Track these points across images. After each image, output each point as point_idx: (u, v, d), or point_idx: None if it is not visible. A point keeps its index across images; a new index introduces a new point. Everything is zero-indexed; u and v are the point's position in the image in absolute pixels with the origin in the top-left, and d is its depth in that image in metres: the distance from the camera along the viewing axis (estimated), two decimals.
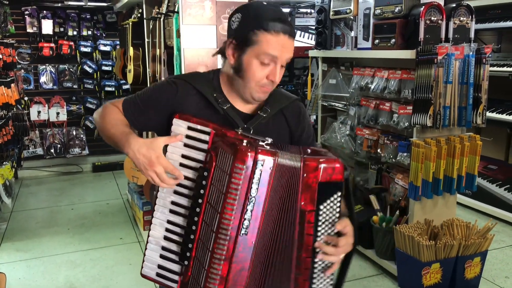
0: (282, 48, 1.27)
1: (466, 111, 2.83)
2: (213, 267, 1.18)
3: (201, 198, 1.22)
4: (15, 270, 3.20)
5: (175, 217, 1.28)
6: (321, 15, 3.66)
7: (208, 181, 1.21)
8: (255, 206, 1.16)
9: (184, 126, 1.28)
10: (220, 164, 1.19)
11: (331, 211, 1.20)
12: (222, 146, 1.20)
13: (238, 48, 1.30)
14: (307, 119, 1.51)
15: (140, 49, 3.63)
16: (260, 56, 1.27)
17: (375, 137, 3.26)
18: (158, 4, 2.99)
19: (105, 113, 1.41)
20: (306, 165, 1.18)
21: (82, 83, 5.74)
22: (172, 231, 1.28)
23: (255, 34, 1.26)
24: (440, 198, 2.97)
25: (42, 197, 4.80)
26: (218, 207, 1.18)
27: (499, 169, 4.10)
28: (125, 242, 3.65)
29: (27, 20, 5.38)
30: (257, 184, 1.15)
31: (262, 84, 1.30)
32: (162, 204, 1.30)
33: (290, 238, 1.20)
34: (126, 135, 1.29)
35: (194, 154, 1.26)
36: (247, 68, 1.29)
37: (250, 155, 1.14)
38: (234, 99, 1.38)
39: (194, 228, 1.23)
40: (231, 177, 1.15)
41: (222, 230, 1.16)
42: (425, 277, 2.69)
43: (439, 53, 2.65)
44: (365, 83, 3.29)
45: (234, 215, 1.15)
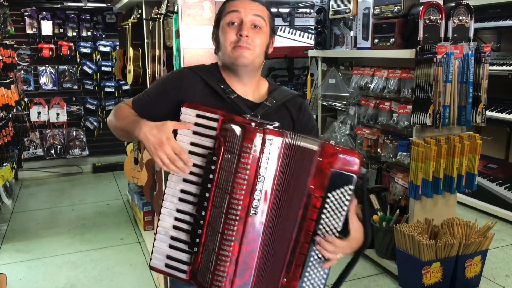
0: (243, 5, 1.33)
1: (465, 110, 2.83)
2: (223, 249, 1.17)
3: (210, 182, 1.22)
4: (15, 271, 3.21)
5: (185, 205, 1.28)
6: (320, 15, 3.66)
7: (217, 165, 1.21)
8: (264, 185, 1.16)
9: (192, 114, 1.28)
10: (228, 147, 1.19)
11: (338, 202, 1.18)
12: (230, 128, 1.20)
13: (215, 30, 1.41)
14: (309, 111, 1.52)
15: (140, 49, 3.63)
16: (226, 19, 1.34)
17: (375, 136, 3.26)
18: (157, 5, 2.99)
19: (117, 110, 1.47)
20: (323, 150, 1.17)
21: (82, 84, 5.74)
22: (182, 219, 1.28)
23: (221, 9, 1.38)
24: (440, 197, 2.97)
25: (43, 198, 4.80)
26: (227, 188, 1.17)
27: (499, 168, 4.10)
28: (126, 242, 3.65)
29: (27, 21, 5.38)
30: (266, 163, 1.16)
31: (235, 44, 1.32)
32: (172, 193, 1.29)
33: (293, 220, 1.20)
34: (138, 121, 1.32)
35: (203, 141, 1.26)
36: (221, 37, 1.36)
37: (258, 135, 1.15)
38: (235, 86, 1.41)
39: (203, 214, 1.23)
40: (240, 157, 1.16)
41: (232, 210, 1.16)
42: (426, 276, 2.69)
43: (439, 52, 2.66)
44: (364, 83, 3.29)
45: (244, 194, 1.16)
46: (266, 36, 1.37)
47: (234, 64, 1.35)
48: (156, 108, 1.42)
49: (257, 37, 1.34)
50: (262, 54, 1.37)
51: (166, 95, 1.40)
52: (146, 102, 1.46)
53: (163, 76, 1.51)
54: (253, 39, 1.33)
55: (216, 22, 1.41)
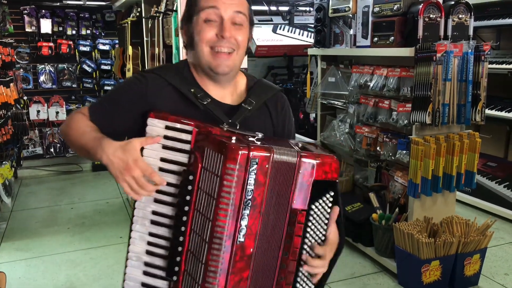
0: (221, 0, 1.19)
1: (465, 109, 2.83)
2: (208, 281, 1.06)
3: (187, 205, 1.10)
4: (15, 269, 3.21)
5: (158, 229, 1.15)
6: (320, 13, 3.66)
7: (195, 185, 1.09)
8: (251, 209, 1.05)
9: (161, 125, 1.14)
10: (207, 165, 1.07)
11: (321, 212, 1.14)
12: (208, 145, 1.08)
13: (186, 24, 1.25)
14: (290, 113, 1.41)
15: (139, 48, 3.63)
16: (201, 15, 1.19)
17: (374, 135, 3.26)
18: (156, 3, 2.99)
19: (72, 122, 1.27)
20: (303, 162, 1.08)
21: (81, 82, 5.74)
22: (156, 244, 1.15)
23: (193, 2, 1.22)
24: (439, 195, 2.98)
25: (42, 197, 4.80)
26: (209, 214, 1.06)
27: (498, 166, 4.11)
28: (125, 241, 3.63)
29: (26, 19, 5.37)
30: (252, 185, 1.04)
31: (213, 43, 1.19)
32: (142, 215, 1.16)
33: (278, 240, 1.12)
34: (99, 140, 1.15)
35: (175, 156, 1.13)
36: (196, 33, 1.21)
37: (242, 153, 1.02)
38: (209, 87, 1.27)
39: (181, 239, 1.11)
40: (222, 179, 1.03)
41: (216, 239, 1.05)
42: (425, 274, 2.69)
43: (438, 50, 2.65)
44: (364, 81, 3.29)
45: (229, 221, 1.04)
46: (247, 32, 1.25)
47: (213, 71, 1.22)
48: (118, 120, 1.25)
49: (238, 34, 1.21)
50: (244, 52, 1.26)
51: (129, 105, 1.23)
52: (106, 113, 1.27)
53: (124, 83, 1.33)
54: (236, 38, 1.20)
55: (187, 16, 1.24)
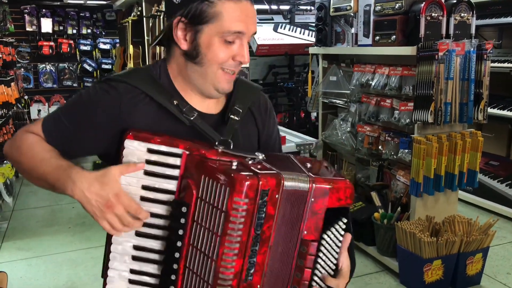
0: (247, 19, 1.03)
1: (467, 107, 2.82)
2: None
3: (180, 240, 0.96)
4: (16, 269, 3.20)
5: (142, 265, 1.01)
6: (321, 12, 3.65)
7: (188, 218, 0.95)
8: (259, 244, 0.94)
9: (142, 149, 0.98)
10: (205, 196, 0.94)
11: (333, 241, 1.04)
12: (205, 173, 0.94)
13: (190, 27, 1.03)
14: (274, 114, 1.29)
15: (140, 47, 3.63)
16: (223, 33, 1.01)
17: (376, 133, 3.26)
18: (157, 2, 2.98)
19: (23, 145, 1.05)
20: (315, 188, 0.97)
21: (82, 81, 5.74)
22: (140, 282, 1.01)
23: (211, 5, 1.00)
24: (441, 194, 2.97)
25: (43, 196, 4.79)
26: (210, 252, 0.93)
27: (500, 165, 4.10)
28: None
29: (27, 18, 5.38)
30: (262, 219, 0.93)
31: (226, 66, 1.05)
32: (121, 251, 1.01)
33: (287, 273, 1.01)
34: (65, 170, 0.97)
35: (161, 184, 0.98)
36: (206, 50, 1.03)
37: (251, 185, 0.90)
38: (191, 97, 1.11)
39: (174, 278, 0.97)
40: (228, 214, 0.90)
41: (221, 280, 0.93)
42: (427, 274, 2.68)
43: (440, 49, 2.64)
44: (365, 80, 3.28)
45: (235, 260, 0.92)
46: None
47: (217, 90, 1.08)
48: (84, 142, 1.08)
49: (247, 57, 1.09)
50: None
51: (98, 124, 1.05)
52: (67, 134, 1.07)
53: (88, 94, 1.08)
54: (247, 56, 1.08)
55: (195, 17, 1.02)
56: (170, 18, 1.06)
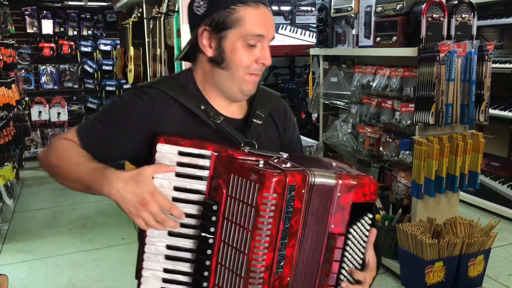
0: (266, 22, 1.10)
1: (468, 109, 2.81)
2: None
3: (211, 237, 1.01)
4: (17, 271, 3.20)
5: (176, 264, 1.06)
6: (322, 13, 3.65)
7: (219, 215, 1.00)
8: (288, 237, 0.99)
9: (173, 151, 1.04)
10: (234, 193, 0.99)
11: (360, 235, 1.08)
12: (234, 172, 0.99)
13: (215, 34, 1.10)
14: (294, 120, 1.35)
15: (141, 48, 3.63)
16: (245, 37, 1.08)
17: (377, 135, 3.25)
18: (158, 4, 2.98)
19: (60, 151, 1.11)
20: (341, 184, 1.02)
21: (83, 83, 5.74)
22: (174, 281, 1.06)
23: (233, 11, 1.08)
24: (442, 196, 2.96)
25: (44, 198, 4.79)
26: (242, 247, 0.98)
27: (501, 166, 4.09)
28: (127, 242, 3.64)
29: (27, 20, 5.38)
30: (290, 213, 0.98)
31: (251, 70, 1.12)
32: (154, 250, 1.06)
33: (316, 266, 1.06)
34: (100, 172, 1.02)
35: (192, 184, 1.04)
36: (231, 55, 1.10)
37: (278, 181, 0.95)
38: (217, 102, 1.18)
39: (206, 274, 1.02)
40: (258, 209, 0.95)
41: (253, 273, 0.97)
42: (428, 276, 2.68)
43: (441, 50, 2.64)
44: (366, 81, 3.27)
45: (266, 253, 0.97)
46: None
47: (242, 92, 1.15)
48: (118, 146, 1.13)
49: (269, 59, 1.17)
50: None
51: (132, 128, 1.11)
52: (101, 139, 1.12)
53: (122, 100, 1.15)
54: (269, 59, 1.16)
55: (218, 24, 1.09)
56: (194, 29, 1.13)
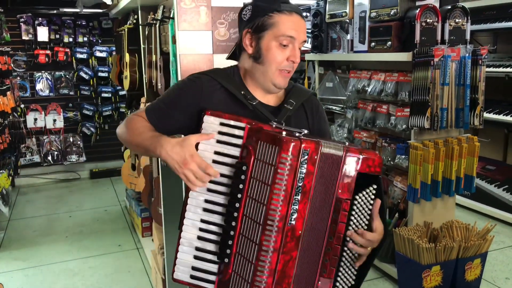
0: (298, 27, 1.32)
1: (463, 113, 2.83)
2: (261, 259, 1.17)
3: (240, 193, 1.21)
4: (13, 279, 3.18)
5: (210, 216, 1.26)
6: (316, 19, 3.66)
7: (247, 175, 1.20)
8: (301, 195, 1.17)
9: (216, 122, 1.26)
10: (260, 156, 1.18)
11: (365, 202, 1.24)
12: (261, 139, 1.19)
13: (255, 35, 1.34)
14: (324, 114, 1.53)
15: (136, 55, 3.62)
16: (278, 38, 1.30)
17: (372, 139, 3.26)
18: (153, 10, 2.98)
19: (129, 124, 1.40)
20: (348, 155, 1.21)
21: (79, 89, 5.72)
22: (207, 230, 1.26)
23: (270, 17, 1.31)
24: (439, 200, 2.97)
25: (40, 205, 4.77)
26: (262, 199, 1.17)
27: (497, 170, 4.10)
28: (124, 249, 3.63)
29: (23, 27, 5.37)
30: (303, 173, 1.16)
31: (282, 66, 1.33)
32: (195, 203, 1.27)
33: (324, 225, 1.23)
34: (156, 138, 1.28)
35: (228, 150, 1.24)
36: (266, 52, 1.32)
37: (295, 145, 1.15)
38: (256, 92, 1.40)
39: (234, 224, 1.21)
40: (276, 167, 1.15)
41: (270, 221, 1.16)
42: (426, 280, 2.68)
43: (436, 55, 2.65)
44: (362, 86, 3.29)
45: (281, 205, 1.16)
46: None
47: (274, 85, 1.35)
48: (174, 119, 1.38)
49: (300, 57, 1.36)
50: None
51: (185, 104, 1.36)
52: (162, 113, 1.40)
53: (179, 84, 1.45)
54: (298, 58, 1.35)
55: (259, 27, 1.33)
56: (240, 32, 1.39)
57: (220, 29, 2.29)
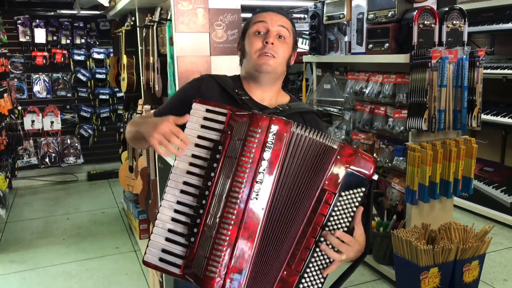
0: (269, 15, 1.41)
1: (461, 114, 2.83)
2: (221, 232, 1.15)
3: (213, 171, 1.22)
4: (10, 282, 3.17)
5: (186, 197, 1.25)
6: (314, 21, 3.66)
7: (222, 154, 1.22)
8: (267, 170, 1.17)
9: (202, 109, 1.29)
10: (235, 135, 1.21)
11: (350, 202, 1.20)
12: (236, 119, 1.22)
13: (241, 39, 1.47)
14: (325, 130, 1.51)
15: (134, 57, 3.62)
16: (253, 28, 1.41)
17: (370, 141, 3.26)
18: (151, 12, 2.98)
19: (133, 121, 1.52)
20: (343, 149, 1.21)
21: (76, 91, 5.72)
22: (181, 212, 1.25)
23: (248, 21, 1.45)
24: (437, 202, 2.97)
25: (37, 207, 4.75)
26: (230, 173, 1.18)
27: (495, 171, 4.11)
28: (121, 251, 3.62)
29: (20, 29, 5.36)
30: (270, 148, 1.17)
31: (260, 50, 1.38)
32: (174, 185, 1.27)
33: (302, 212, 1.20)
34: (146, 121, 1.34)
35: (210, 134, 1.26)
36: (247, 46, 1.42)
37: (265, 119, 1.18)
38: (252, 90, 1.45)
39: (204, 202, 1.21)
40: (245, 141, 1.17)
41: (233, 193, 1.16)
42: (424, 282, 2.67)
43: (433, 57, 2.66)
44: (359, 88, 3.29)
45: (246, 178, 1.16)
46: (289, 47, 1.43)
47: (257, 70, 1.40)
48: (174, 112, 1.40)
49: (281, 46, 1.40)
50: (284, 63, 1.42)
51: (184, 99, 1.43)
52: (166, 108, 1.50)
53: (184, 87, 1.56)
54: (278, 48, 1.38)
55: (242, 33, 1.48)
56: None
57: (217, 31, 2.28)
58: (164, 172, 2.51)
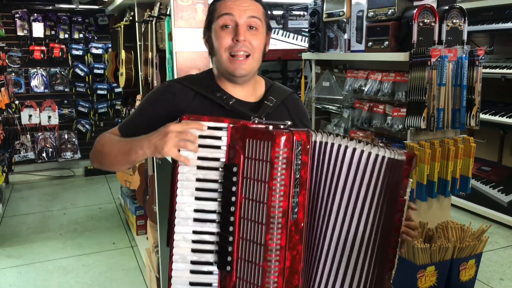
0: (234, 4, 1.26)
1: (460, 113, 2.82)
2: (268, 260, 1.12)
3: (234, 195, 1.15)
4: (6, 277, 3.16)
5: (203, 225, 1.18)
6: (314, 18, 3.65)
7: (239, 176, 1.14)
8: (299, 187, 1.14)
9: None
10: (250, 155, 1.13)
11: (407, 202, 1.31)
12: (248, 136, 1.14)
13: (207, 31, 1.33)
14: (305, 110, 1.52)
15: (132, 52, 3.60)
16: (218, 21, 1.27)
17: (369, 139, 3.25)
18: (150, 7, 2.96)
19: (103, 141, 1.34)
20: (407, 157, 1.27)
21: (74, 86, 5.70)
22: (202, 241, 1.18)
23: (212, 10, 1.30)
24: (434, 200, 2.97)
25: (34, 202, 4.74)
26: (261, 198, 1.13)
27: (492, 171, 4.11)
28: (118, 247, 3.61)
29: (18, 23, 5.33)
30: (299, 165, 1.13)
31: (232, 50, 1.26)
32: (184, 216, 1.18)
33: (388, 227, 1.27)
34: (132, 140, 1.21)
35: (212, 153, 1.18)
36: (214, 41, 1.29)
37: (287, 137, 1.11)
38: (234, 90, 1.35)
39: (231, 229, 1.15)
40: (272, 163, 1.10)
41: (272, 219, 1.12)
42: (420, 280, 2.68)
43: (433, 55, 2.65)
44: (358, 86, 3.28)
45: (282, 201, 1.12)
46: (263, 36, 1.31)
47: (231, 75, 1.30)
48: (146, 129, 1.27)
49: (254, 39, 1.27)
50: (260, 56, 1.32)
51: (159, 117, 1.27)
52: (134, 126, 1.32)
53: (149, 96, 1.37)
54: (251, 42, 1.26)
55: (207, 23, 1.32)
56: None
57: None
58: (162, 168, 2.51)
